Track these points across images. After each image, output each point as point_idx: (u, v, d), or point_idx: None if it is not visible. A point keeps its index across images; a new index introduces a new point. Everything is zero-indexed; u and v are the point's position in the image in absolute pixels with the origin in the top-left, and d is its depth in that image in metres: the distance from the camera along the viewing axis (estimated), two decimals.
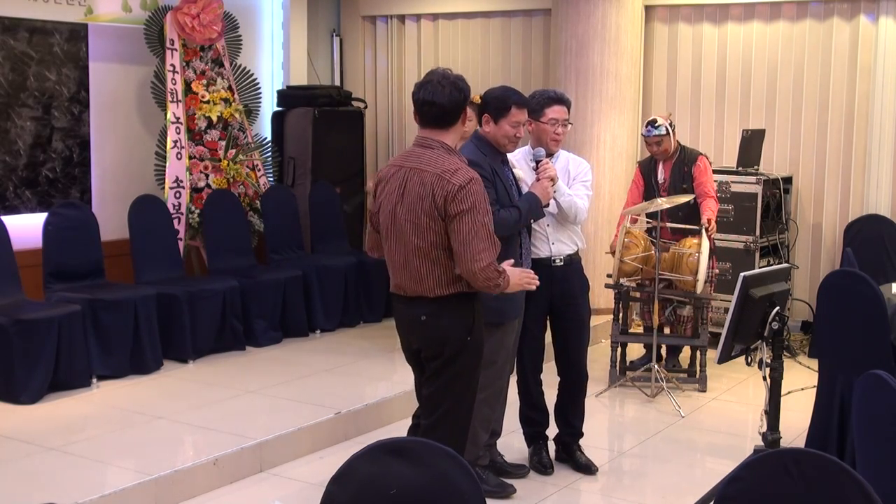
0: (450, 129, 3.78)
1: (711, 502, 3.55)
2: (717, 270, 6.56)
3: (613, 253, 6.23)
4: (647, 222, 6.30)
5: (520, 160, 4.77)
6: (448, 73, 3.79)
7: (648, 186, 6.46)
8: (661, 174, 6.43)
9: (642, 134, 6.47)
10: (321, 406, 5.48)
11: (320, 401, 5.58)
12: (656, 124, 6.31)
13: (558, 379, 5.01)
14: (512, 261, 3.97)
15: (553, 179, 4.55)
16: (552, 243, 4.79)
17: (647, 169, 6.50)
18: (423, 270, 3.72)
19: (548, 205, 4.58)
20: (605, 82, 7.69)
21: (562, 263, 4.83)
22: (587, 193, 4.86)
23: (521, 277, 3.87)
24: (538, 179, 4.52)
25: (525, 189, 4.61)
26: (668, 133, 6.30)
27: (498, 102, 4.40)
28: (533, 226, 4.65)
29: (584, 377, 4.99)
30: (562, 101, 4.77)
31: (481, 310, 3.87)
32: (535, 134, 4.73)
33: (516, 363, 4.85)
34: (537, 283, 3.96)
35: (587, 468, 4.97)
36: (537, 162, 4.59)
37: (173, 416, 5.34)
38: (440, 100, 3.71)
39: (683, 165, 6.37)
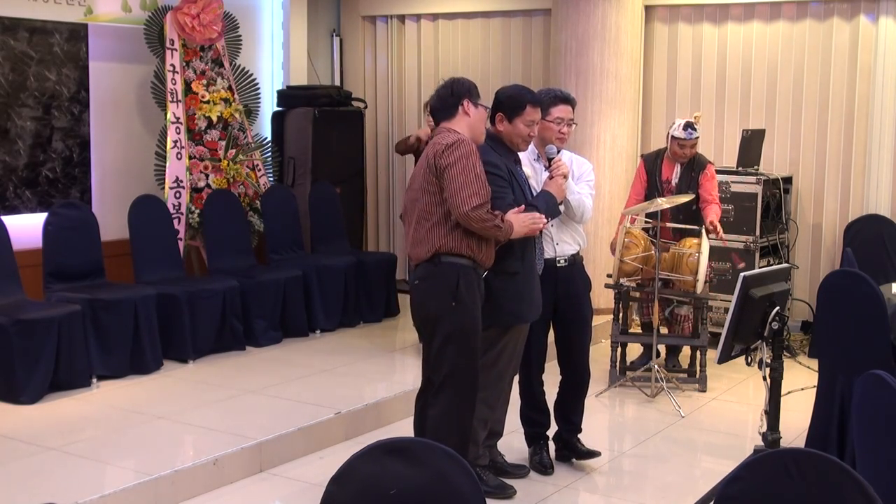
0: (451, 120, 4.22)
1: (711, 502, 3.55)
2: (709, 270, 6.52)
3: (614, 251, 6.23)
4: (646, 222, 6.30)
5: (523, 158, 4.75)
6: (448, 78, 4.36)
7: (651, 183, 6.44)
8: (665, 173, 6.41)
9: (676, 135, 6.27)
10: (321, 406, 5.48)
11: (320, 401, 5.58)
12: (695, 126, 6.29)
13: (560, 377, 5.01)
14: (517, 208, 4.22)
15: (566, 176, 4.56)
16: (556, 243, 4.79)
17: (651, 165, 6.47)
18: (423, 231, 4.13)
19: (561, 202, 4.58)
20: (605, 82, 7.69)
21: (565, 264, 4.83)
22: (591, 193, 4.87)
23: (525, 221, 4.20)
24: (552, 177, 4.52)
25: (534, 186, 4.62)
26: (698, 138, 6.32)
27: (512, 101, 4.39)
28: None
29: (586, 376, 4.99)
30: (567, 100, 4.79)
31: (475, 282, 4.13)
32: (540, 132, 4.72)
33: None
34: (544, 221, 4.24)
35: (590, 454, 4.99)
36: (550, 159, 4.58)
37: (173, 416, 5.34)
38: (434, 97, 4.36)
39: (692, 171, 6.35)
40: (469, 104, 4.21)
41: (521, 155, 4.73)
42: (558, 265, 4.80)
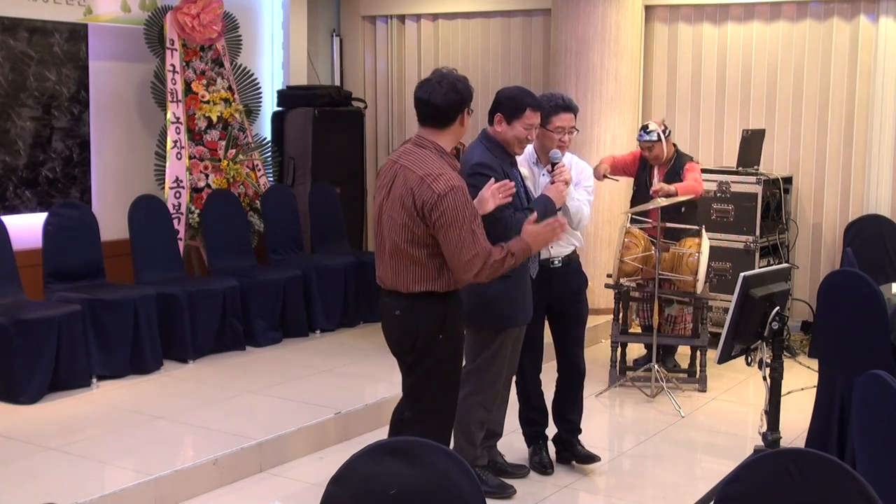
0: (445, 130, 3.76)
1: (711, 502, 3.55)
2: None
3: (598, 175, 6.16)
4: (646, 222, 6.29)
5: (521, 160, 4.73)
6: (450, 73, 3.78)
7: (640, 186, 6.44)
8: (656, 178, 6.41)
9: (636, 138, 6.46)
10: (321, 406, 5.48)
11: (320, 401, 5.58)
12: (648, 129, 6.29)
13: (556, 377, 5.01)
14: (533, 216, 3.93)
15: (568, 182, 4.51)
16: (550, 246, 4.77)
17: (643, 165, 6.48)
18: (400, 266, 3.74)
19: (560, 208, 4.55)
20: (605, 82, 7.69)
21: (560, 265, 4.83)
22: (589, 199, 4.83)
23: (545, 232, 3.86)
24: (553, 182, 4.46)
25: (531, 187, 4.60)
26: (659, 140, 6.25)
27: (513, 103, 4.32)
28: None
29: (581, 372, 4.98)
30: (570, 108, 4.70)
31: (458, 307, 3.86)
32: (540, 139, 4.69)
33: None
34: (564, 223, 3.95)
35: (589, 458, 4.97)
36: (553, 164, 4.53)
37: (173, 416, 5.34)
38: (435, 99, 3.71)
39: (676, 172, 6.33)
40: (467, 113, 3.80)
41: (519, 157, 4.71)
42: (552, 266, 4.78)
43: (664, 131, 6.28)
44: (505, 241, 3.80)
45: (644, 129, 6.34)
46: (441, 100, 3.70)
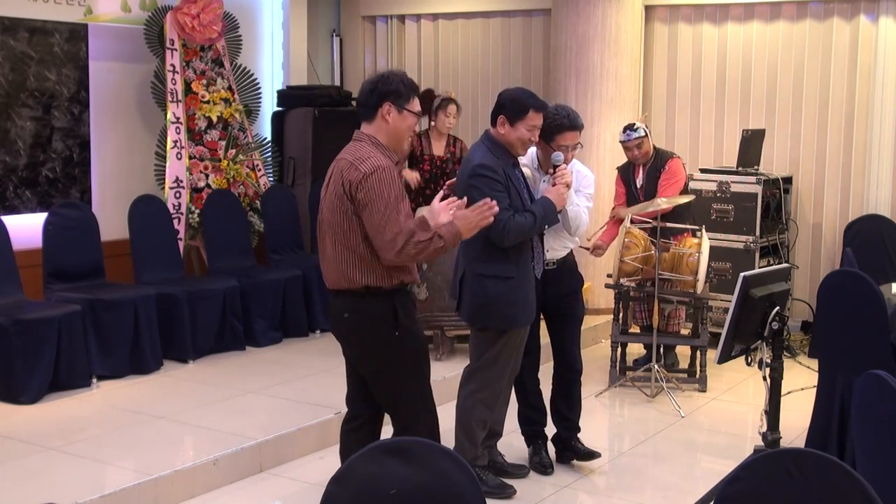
0: (372, 123, 3.75)
1: (711, 502, 3.55)
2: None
3: (590, 249, 6.17)
4: (646, 222, 6.29)
5: (523, 161, 4.73)
6: (387, 71, 3.83)
7: (630, 193, 6.44)
8: (640, 179, 6.41)
9: (621, 141, 6.35)
10: (321, 406, 5.48)
11: (320, 401, 5.58)
12: (635, 127, 6.29)
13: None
14: (456, 202, 3.81)
15: (569, 185, 4.51)
16: (546, 250, 4.76)
17: (626, 174, 6.48)
18: (340, 258, 3.72)
19: (560, 211, 4.55)
20: (604, 82, 7.69)
21: (554, 266, 4.83)
22: (587, 206, 4.81)
23: (473, 217, 3.75)
24: (554, 185, 4.47)
25: (533, 188, 4.61)
26: (646, 135, 6.28)
27: (516, 105, 4.32)
28: None
29: (577, 370, 4.98)
30: (575, 126, 4.64)
31: (409, 303, 3.81)
32: (544, 152, 4.70)
33: None
34: (496, 209, 3.80)
35: (590, 455, 4.98)
36: (555, 167, 4.53)
37: (173, 416, 5.34)
38: (359, 93, 3.81)
39: (657, 170, 6.33)
40: (391, 109, 3.70)
41: (521, 160, 4.71)
42: (547, 268, 4.78)
43: (646, 126, 6.33)
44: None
45: (630, 127, 6.30)
46: (360, 91, 3.79)
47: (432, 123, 6.94)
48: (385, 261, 3.67)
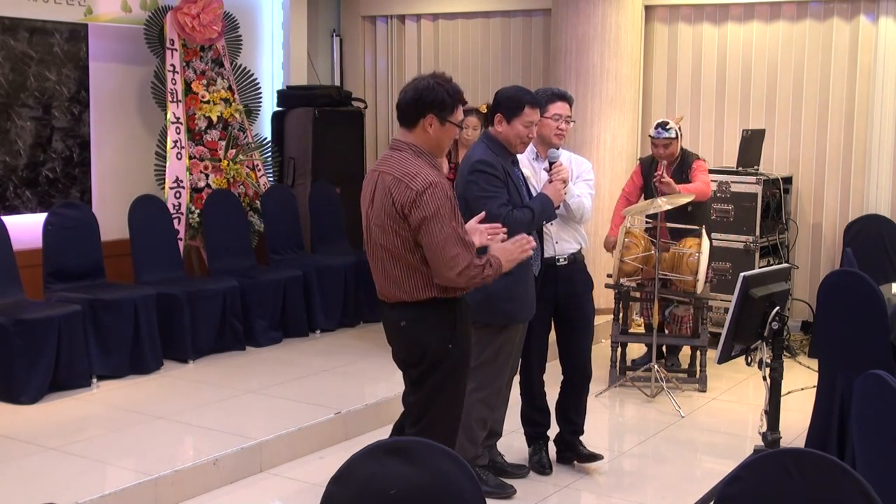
0: (414, 131, 3.60)
1: (711, 502, 3.55)
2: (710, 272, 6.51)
3: (609, 247, 6.25)
4: (647, 222, 6.30)
5: (522, 159, 4.75)
6: (428, 76, 3.64)
7: (648, 187, 6.45)
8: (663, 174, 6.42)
9: (650, 135, 6.41)
10: (321, 406, 5.48)
11: (320, 401, 5.58)
12: (667, 127, 6.30)
13: (561, 377, 5.01)
14: (500, 235, 3.76)
15: (566, 181, 4.55)
16: (556, 242, 4.79)
17: (648, 169, 6.49)
18: (398, 274, 3.60)
19: (559, 206, 4.58)
20: (605, 82, 7.69)
21: (566, 262, 4.83)
22: (590, 192, 4.87)
23: (514, 251, 3.69)
24: (551, 181, 4.51)
25: (534, 185, 4.62)
26: (676, 137, 6.30)
27: (511, 102, 4.37)
28: None
29: (588, 374, 4.99)
30: (564, 97, 4.77)
31: (466, 315, 3.74)
32: (538, 129, 4.72)
33: (521, 363, 4.84)
34: (533, 244, 3.78)
35: (592, 457, 4.98)
36: (551, 163, 4.57)
37: (173, 416, 5.34)
38: (400, 98, 3.64)
39: (682, 171, 6.36)
40: (434, 121, 3.57)
41: (521, 156, 4.73)
42: (558, 264, 4.79)
43: (679, 129, 6.33)
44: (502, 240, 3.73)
45: (662, 125, 6.31)
46: (402, 98, 3.62)
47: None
48: (442, 280, 3.55)
